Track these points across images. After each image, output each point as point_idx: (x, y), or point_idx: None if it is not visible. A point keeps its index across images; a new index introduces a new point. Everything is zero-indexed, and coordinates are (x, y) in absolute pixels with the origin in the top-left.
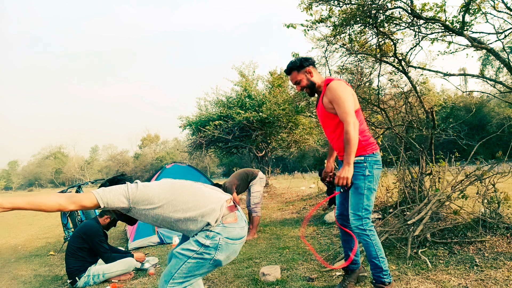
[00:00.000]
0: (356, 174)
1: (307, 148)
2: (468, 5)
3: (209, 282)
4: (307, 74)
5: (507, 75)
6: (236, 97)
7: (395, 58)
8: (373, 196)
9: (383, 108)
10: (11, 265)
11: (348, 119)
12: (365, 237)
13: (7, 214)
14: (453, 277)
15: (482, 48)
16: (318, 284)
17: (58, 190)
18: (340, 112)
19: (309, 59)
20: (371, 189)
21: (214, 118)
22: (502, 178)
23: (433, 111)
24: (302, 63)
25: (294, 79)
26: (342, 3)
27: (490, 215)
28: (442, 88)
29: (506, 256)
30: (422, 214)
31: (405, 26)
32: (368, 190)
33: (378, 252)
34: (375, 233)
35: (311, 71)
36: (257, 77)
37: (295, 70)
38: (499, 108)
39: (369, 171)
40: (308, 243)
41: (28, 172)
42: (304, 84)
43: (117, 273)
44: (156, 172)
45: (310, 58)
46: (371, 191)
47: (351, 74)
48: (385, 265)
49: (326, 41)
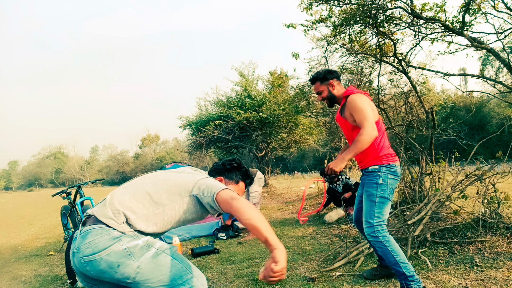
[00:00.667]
0: (369, 182)
1: (307, 148)
2: (468, 5)
3: (209, 282)
4: (329, 86)
5: (507, 75)
6: (236, 97)
7: (395, 58)
8: (386, 205)
9: (383, 108)
10: (11, 265)
11: (365, 123)
12: (379, 245)
13: (7, 214)
14: (453, 277)
15: (482, 48)
16: (318, 284)
17: (58, 190)
18: (359, 119)
19: (334, 72)
20: (384, 198)
21: (214, 118)
22: (502, 178)
23: (433, 111)
24: (326, 76)
25: (317, 89)
26: (342, 3)
27: (490, 215)
28: (442, 88)
29: (506, 256)
30: (422, 214)
31: (405, 26)
32: (381, 198)
33: (396, 257)
34: (390, 238)
35: (333, 84)
36: (257, 77)
37: (318, 81)
38: (499, 108)
39: (382, 180)
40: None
41: (28, 172)
42: (324, 95)
43: None
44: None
45: (335, 72)
46: (383, 199)
47: (351, 74)
48: (409, 270)
49: (326, 41)
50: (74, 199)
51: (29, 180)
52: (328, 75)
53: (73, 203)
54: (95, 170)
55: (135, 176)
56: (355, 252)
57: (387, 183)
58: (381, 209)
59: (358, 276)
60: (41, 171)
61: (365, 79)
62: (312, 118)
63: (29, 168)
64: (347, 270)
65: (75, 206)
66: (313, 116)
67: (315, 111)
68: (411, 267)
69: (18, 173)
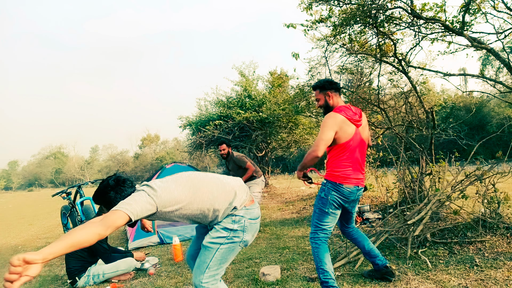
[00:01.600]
0: (318, 193)
1: (307, 148)
2: (468, 5)
3: None
4: (326, 96)
5: (507, 75)
6: (236, 97)
7: (395, 58)
8: (325, 217)
9: (383, 108)
10: None
11: (316, 142)
12: (312, 247)
13: (7, 214)
14: (453, 277)
15: (482, 48)
16: (318, 284)
17: (58, 190)
18: (317, 136)
19: (335, 84)
20: (323, 211)
21: (214, 118)
22: (502, 178)
23: (433, 111)
24: (325, 85)
25: (316, 96)
26: (342, 3)
27: (490, 215)
28: (442, 88)
29: (506, 256)
30: (422, 214)
31: (405, 26)
32: (319, 210)
33: (318, 263)
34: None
35: (331, 95)
36: (257, 77)
37: (318, 89)
38: (499, 108)
39: (325, 194)
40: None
41: (28, 172)
42: (321, 103)
43: (117, 273)
44: (156, 172)
45: (335, 83)
46: (322, 212)
47: (351, 74)
48: (325, 277)
49: (326, 41)
50: (74, 199)
51: (29, 180)
52: (327, 85)
53: (73, 203)
54: (95, 170)
55: (135, 176)
56: (355, 252)
57: (327, 199)
58: (319, 219)
59: (358, 276)
60: (41, 171)
61: (365, 79)
62: (312, 118)
63: (29, 168)
64: (347, 270)
65: (75, 206)
66: (313, 116)
67: (315, 111)
68: (329, 275)
69: (18, 173)
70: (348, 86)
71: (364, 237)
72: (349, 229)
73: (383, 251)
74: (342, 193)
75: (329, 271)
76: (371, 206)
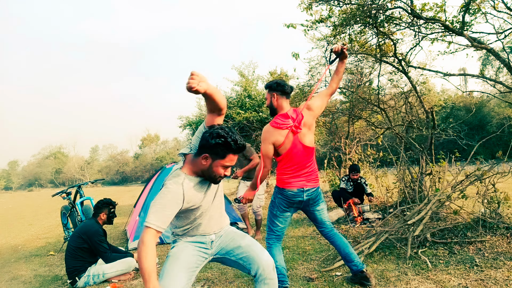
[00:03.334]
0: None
1: None
2: (468, 5)
3: (209, 282)
4: (272, 97)
5: (507, 75)
6: (236, 97)
7: (395, 58)
8: (275, 219)
9: (383, 108)
10: (11, 265)
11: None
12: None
13: (7, 214)
14: (453, 277)
15: (482, 48)
16: (318, 284)
17: (58, 190)
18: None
19: (284, 86)
20: (273, 213)
21: None
22: (502, 178)
23: (433, 111)
24: (272, 86)
25: (266, 95)
26: (342, 3)
27: (490, 215)
28: (442, 88)
29: (506, 256)
30: (422, 214)
31: (405, 26)
32: (270, 213)
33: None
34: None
35: (276, 97)
36: (257, 77)
37: (267, 89)
38: (499, 108)
39: (273, 198)
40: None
41: (28, 172)
42: (267, 103)
43: (117, 273)
44: (156, 172)
45: (284, 86)
46: (272, 215)
47: (351, 74)
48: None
49: (326, 41)
50: (74, 199)
51: (29, 180)
52: (275, 86)
53: (73, 203)
54: (95, 170)
55: (135, 175)
56: (355, 252)
57: (275, 202)
58: (270, 222)
59: None
60: (41, 171)
61: (365, 79)
62: None
63: (29, 168)
64: (347, 270)
65: (75, 206)
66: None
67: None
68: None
69: (18, 173)
70: (348, 86)
71: (342, 241)
72: (322, 229)
73: (383, 251)
74: (286, 196)
75: (279, 267)
76: (371, 206)
